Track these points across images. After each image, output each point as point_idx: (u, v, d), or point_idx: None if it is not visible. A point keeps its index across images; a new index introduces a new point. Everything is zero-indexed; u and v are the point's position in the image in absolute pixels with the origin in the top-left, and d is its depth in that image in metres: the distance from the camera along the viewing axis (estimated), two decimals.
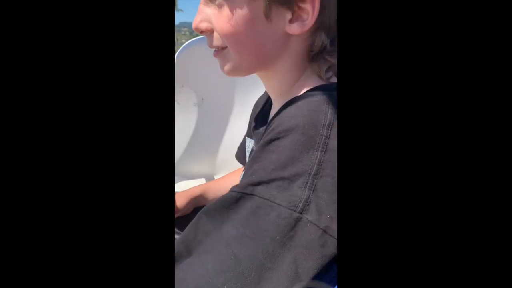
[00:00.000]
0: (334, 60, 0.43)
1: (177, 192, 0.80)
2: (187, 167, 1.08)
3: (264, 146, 0.38)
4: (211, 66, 0.93)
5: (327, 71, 0.44)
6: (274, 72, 0.47)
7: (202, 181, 1.12)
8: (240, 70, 0.47)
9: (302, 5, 0.40)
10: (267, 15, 0.41)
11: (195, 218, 0.39)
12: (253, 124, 0.60)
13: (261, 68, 0.48)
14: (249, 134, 0.66)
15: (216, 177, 1.14)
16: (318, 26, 0.42)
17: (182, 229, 0.41)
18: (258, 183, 0.35)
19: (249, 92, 0.96)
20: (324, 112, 0.37)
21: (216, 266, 0.33)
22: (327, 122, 0.36)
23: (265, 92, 0.65)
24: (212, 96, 1.02)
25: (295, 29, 0.41)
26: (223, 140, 1.11)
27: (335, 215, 0.34)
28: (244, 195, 0.36)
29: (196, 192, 0.79)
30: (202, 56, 0.88)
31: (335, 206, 0.34)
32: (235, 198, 0.36)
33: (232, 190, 0.37)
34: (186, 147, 1.06)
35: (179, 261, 0.36)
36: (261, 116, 0.60)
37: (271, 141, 0.37)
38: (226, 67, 0.47)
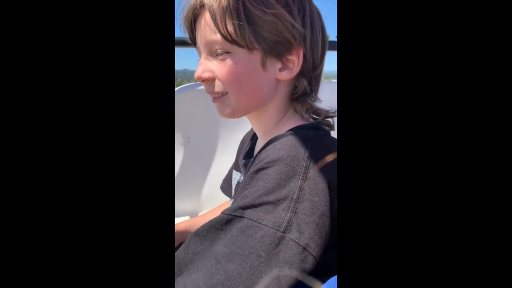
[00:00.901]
0: (312, 103, 0.53)
1: None
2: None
3: (253, 174, 0.44)
4: (197, 109, 0.99)
5: (306, 111, 0.53)
6: (263, 112, 0.55)
7: (185, 218, 1.14)
8: (238, 112, 0.54)
9: (289, 57, 0.50)
10: (263, 65, 0.50)
11: (187, 239, 0.43)
12: (242, 158, 0.66)
13: (255, 109, 0.55)
14: (236, 168, 0.72)
15: (200, 214, 1.17)
16: (300, 73, 0.52)
17: None
18: (248, 207, 0.41)
19: (233, 131, 1.05)
20: (304, 147, 0.44)
21: (207, 282, 0.37)
22: (307, 155, 0.43)
23: (250, 130, 0.72)
24: (197, 136, 1.09)
25: (284, 76, 0.51)
26: (208, 177, 1.15)
27: (313, 234, 0.39)
28: (234, 217, 0.41)
29: (181, 228, 0.81)
30: (188, 101, 1.00)
31: (314, 226, 0.39)
32: (226, 220, 0.41)
33: (223, 213, 0.43)
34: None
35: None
36: (249, 151, 0.67)
37: (259, 170, 0.43)
38: (227, 111, 0.54)
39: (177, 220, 1.02)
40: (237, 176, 0.70)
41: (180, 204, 1.13)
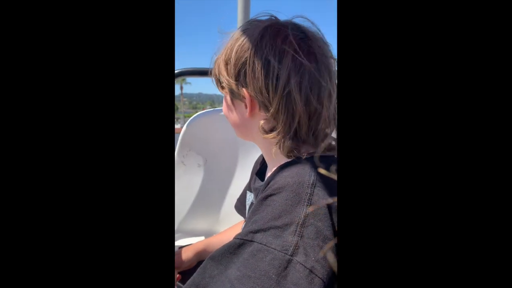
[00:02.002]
0: (289, 142, 0.52)
1: (182, 247, 0.88)
2: (191, 225, 1.17)
3: (262, 201, 0.47)
4: (216, 133, 1.05)
5: (283, 149, 0.53)
6: (257, 143, 0.61)
7: (201, 238, 1.17)
8: (239, 136, 0.64)
9: (244, 99, 0.54)
10: (233, 104, 0.58)
11: (203, 263, 0.47)
12: (253, 181, 0.71)
13: (247, 139, 0.62)
14: (249, 189, 0.76)
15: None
16: (269, 114, 0.52)
17: (186, 281, 0.49)
18: (257, 231, 0.44)
19: (249, 154, 1.11)
20: (308, 174, 0.47)
21: None
22: (311, 182, 0.46)
23: (261, 154, 0.77)
24: (216, 158, 1.15)
25: (247, 114, 0.55)
26: (225, 197, 1.21)
27: (319, 258, 0.42)
28: (245, 241, 0.44)
29: (200, 247, 0.86)
30: (207, 126, 1.07)
31: (318, 249, 0.42)
32: (238, 244, 0.44)
33: (235, 237, 0.46)
34: (190, 206, 1.16)
35: None
36: (259, 174, 0.72)
37: (267, 197, 0.47)
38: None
39: (195, 240, 1.07)
40: (250, 197, 0.74)
41: (198, 223, 1.18)
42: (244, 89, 0.53)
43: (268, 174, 0.61)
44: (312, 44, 0.52)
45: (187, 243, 0.94)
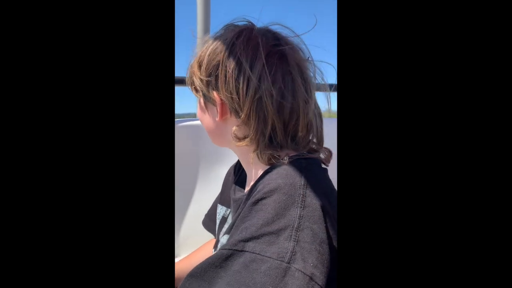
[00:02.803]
0: (264, 148, 0.51)
1: None
2: None
3: (251, 206, 0.43)
4: (177, 147, 0.92)
5: (261, 155, 0.52)
6: (234, 150, 0.59)
7: None
8: (214, 143, 0.62)
9: (216, 103, 0.53)
10: (205, 108, 0.57)
11: (181, 284, 0.40)
12: (232, 190, 0.66)
13: (223, 145, 0.60)
14: (221, 202, 0.71)
15: (182, 256, 1.08)
16: (240, 120, 0.51)
17: None
18: (249, 239, 0.39)
19: (212, 171, 1.02)
20: (299, 175, 0.44)
21: None
22: (303, 183, 0.44)
23: (236, 162, 0.73)
24: (176, 174, 1.04)
25: (219, 118, 0.54)
26: (186, 217, 1.09)
27: (317, 263, 0.38)
28: (235, 251, 0.39)
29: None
30: None
31: (316, 254, 0.39)
32: (226, 256, 0.39)
33: (223, 248, 0.41)
34: None
35: None
36: (239, 183, 0.67)
37: (257, 201, 0.43)
38: None
39: None
40: (222, 211, 0.70)
41: None
42: (215, 93, 0.52)
43: (251, 181, 0.58)
44: (285, 50, 0.51)
45: None
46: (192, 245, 0.95)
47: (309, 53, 0.55)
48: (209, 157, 1.01)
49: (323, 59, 0.57)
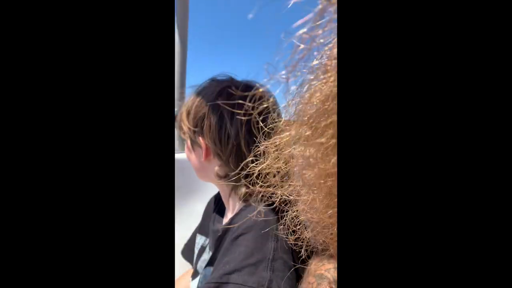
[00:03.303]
0: (242, 187, 0.60)
1: None
2: None
3: (232, 241, 0.51)
4: None
5: (236, 193, 0.62)
6: (215, 184, 0.69)
7: None
8: (199, 178, 0.71)
9: (201, 148, 0.63)
10: (192, 148, 0.66)
11: None
12: (212, 221, 0.75)
13: (206, 180, 0.69)
14: (201, 231, 0.80)
15: None
16: (220, 159, 0.61)
17: None
18: (232, 272, 0.46)
19: (184, 204, 1.10)
20: (272, 213, 0.51)
21: None
22: (275, 219, 0.50)
23: (214, 196, 0.84)
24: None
25: (204, 159, 0.63)
26: None
27: (288, 286, 0.45)
28: (220, 284, 0.45)
29: None
30: None
31: (288, 280, 0.45)
32: None
33: (208, 282, 0.46)
34: None
35: None
36: (218, 213, 0.77)
37: (237, 236, 0.51)
38: None
39: None
40: (201, 241, 0.79)
41: None
42: (200, 138, 0.62)
43: (228, 213, 0.68)
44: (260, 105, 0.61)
45: None
46: None
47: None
48: (182, 190, 1.09)
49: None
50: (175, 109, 1.03)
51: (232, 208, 0.66)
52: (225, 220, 0.69)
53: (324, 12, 0.27)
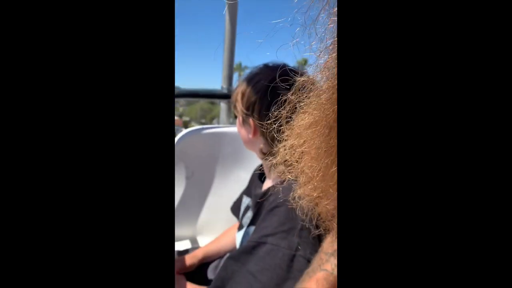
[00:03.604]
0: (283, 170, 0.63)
1: (181, 252, 1.12)
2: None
3: (269, 211, 0.66)
4: (202, 149, 1.23)
5: (271, 168, 0.76)
6: (259, 157, 0.80)
7: (184, 242, 1.29)
8: (246, 148, 0.83)
9: (250, 125, 0.74)
10: (242, 124, 0.78)
11: (223, 262, 0.67)
12: (254, 186, 0.90)
13: (251, 150, 0.82)
14: (247, 193, 0.97)
15: (198, 238, 1.30)
16: (264, 137, 0.73)
17: (191, 280, 0.81)
18: (268, 235, 0.62)
19: (230, 171, 1.29)
20: None
21: None
22: None
23: (258, 165, 0.96)
24: (199, 172, 1.26)
25: (252, 136, 0.75)
26: (203, 208, 1.27)
27: (311, 250, 0.59)
28: (259, 243, 0.62)
29: (200, 254, 1.04)
30: (195, 142, 1.22)
31: (311, 245, 0.60)
32: (253, 246, 0.62)
33: (250, 241, 0.64)
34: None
35: None
36: (259, 181, 0.90)
37: (272, 208, 0.66)
38: None
39: (178, 244, 1.25)
40: (246, 201, 0.94)
41: (179, 230, 1.29)
42: (251, 119, 0.73)
43: (267, 183, 0.81)
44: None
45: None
46: (207, 230, 1.29)
47: None
48: (227, 159, 1.23)
49: None
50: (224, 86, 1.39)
51: (270, 179, 0.79)
52: (264, 187, 0.82)
53: None
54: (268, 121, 0.58)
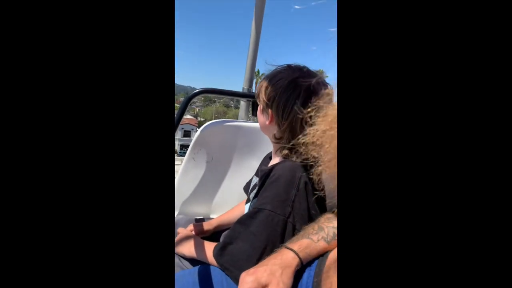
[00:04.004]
0: (284, 146, 0.86)
1: (199, 219, 1.33)
2: (191, 208, 1.47)
3: (270, 184, 0.80)
4: (221, 139, 1.41)
5: (279, 151, 0.90)
6: (271, 142, 0.95)
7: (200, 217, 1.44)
8: (261, 131, 0.98)
9: (270, 113, 0.88)
10: (263, 112, 0.92)
11: (232, 226, 0.82)
12: (261, 166, 1.08)
13: (266, 135, 0.96)
14: (256, 174, 1.09)
15: (212, 216, 1.50)
16: (278, 126, 0.87)
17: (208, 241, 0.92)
18: (267, 203, 0.76)
19: (244, 159, 1.47)
20: (298, 171, 0.78)
21: (248, 246, 0.74)
22: (299, 176, 0.77)
23: (267, 154, 1.13)
24: (218, 158, 1.43)
25: (268, 122, 0.90)
26: (219, 189, 1.48)
27: (301, 220, 0.75)
28: (260, 209, 0.76)
29: (214, 222, 1.24)
30: (216, 132, 1.38)
31: (300, 215, 0.75)
32: (255, 211, 0.77)
33: (253, 207, 0.78)
34: (191, 192, 1.46)
35: (227, 247, 0.77)
36: (266, 163, 1.05)
37: (273, 182, 0.79)
38: None
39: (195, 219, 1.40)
40: (255, 180, 1.05)
41: (196, 207, 1.47)
42: (270, 109, 0.88)
43: (272, 162, 0.96)
44: (322, 96, 0.82)
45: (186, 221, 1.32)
46: (220, 208, 1.47)
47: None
48: (243, 150, 1.43)
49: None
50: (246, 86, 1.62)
51: (275, 159, 0.94)
52: (270, 165, 0.95)
53: None
54: (283, 114, 0.81)
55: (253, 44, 1.57)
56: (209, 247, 0.89)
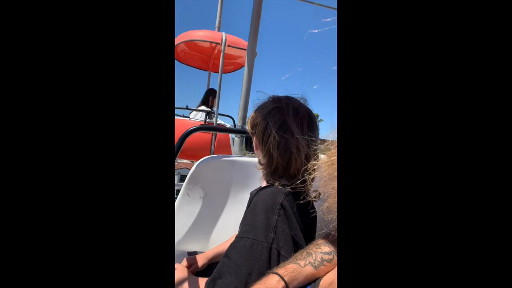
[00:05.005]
0: (270, 176, 0.94)
1: (191, 253, 1.34)
2: (186, 245, 1.47)
3: (250, 211, 0.82)
4: (216, 174, 1.43)
5: (267, 178, 0.96)
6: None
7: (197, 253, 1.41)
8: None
9: (253, 141, 0.98)
10: (256, 146, 0.98)
11: (220, 260, 0.81)
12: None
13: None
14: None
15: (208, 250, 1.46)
16: (262, 155, 0.95)
17: (202, 276, 0.99)
18: (249, 231, 0.78)
19: (239, 193, 1.48)
20: (279, 196, 0.82)
21: (235, 278, 0.74)
22: (280, 201, 0.81)
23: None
24: (212, 193, 1.44)
25: (254, 149, 0.99)
26: (216, 225, 1.49)
27: (284, 245, 0.77)
28: (242, 238, 0.78)
29: (210, 254, 1.25)
30: (211, 167, 1.40)
31: (283, 241, 0.77)
32: (237, 240, 0.79)
33: (237, 237, 0.81)
34: (187, 230, 1.43)
35: (216, 282, 0.77)
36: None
37: (253, 209, 0.81)
38: None
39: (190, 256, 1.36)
40: None
41: (193, 244, 1.47)
42: (254, 137, 0.97)
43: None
44: (295, 121, 0.91)
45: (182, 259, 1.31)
46: (218, 242, 1.44)
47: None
48: (238, 183, 1.46)
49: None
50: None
51: (261, 185, 0.99)
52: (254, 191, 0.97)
53: None
54: (263, 140, 0.88)
55: (246, 84, 1.69)
56: (202, 283, 0.91)
